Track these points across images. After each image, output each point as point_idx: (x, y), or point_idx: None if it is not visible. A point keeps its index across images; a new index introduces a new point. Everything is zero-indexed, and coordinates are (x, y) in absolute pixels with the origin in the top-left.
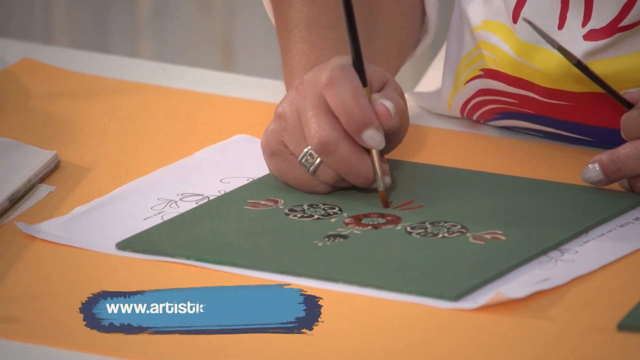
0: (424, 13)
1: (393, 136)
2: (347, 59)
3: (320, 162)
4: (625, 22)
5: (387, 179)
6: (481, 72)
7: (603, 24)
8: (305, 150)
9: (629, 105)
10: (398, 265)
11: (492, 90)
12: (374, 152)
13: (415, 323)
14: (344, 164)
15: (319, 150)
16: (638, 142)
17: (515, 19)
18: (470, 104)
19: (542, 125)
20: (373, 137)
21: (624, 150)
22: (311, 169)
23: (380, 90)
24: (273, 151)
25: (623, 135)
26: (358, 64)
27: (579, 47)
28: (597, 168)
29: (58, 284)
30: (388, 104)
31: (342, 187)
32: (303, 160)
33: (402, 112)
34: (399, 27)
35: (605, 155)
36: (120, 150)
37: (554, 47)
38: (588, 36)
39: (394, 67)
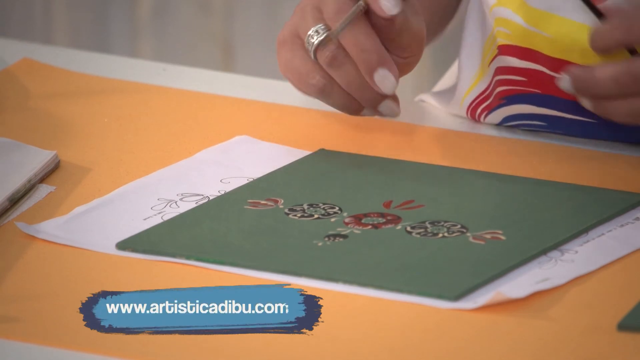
0: None
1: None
2: None
3: (325, 37)
4: None
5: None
6: (497, 50)
7: None
8: (314, 27)
9: (601, 16)
10: (398, 265)
11: (506, 68)
12: None
13: (415, 323)
14: (354, 40)
15: (333, 17)
16: (612, 66)
17: None
18: (488, 91)
19: (547, 107)
20: (386, 77)
21: (599, 71)
22: (314, 44)
23: None
24: (285, 38)
25: (590, 44)
26: None
27: (590, 13)
28: (568, 80)
29: (58, 284)
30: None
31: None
32: (308, 38)
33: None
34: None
35: (579, 71)
36: (120, 150)
37: None
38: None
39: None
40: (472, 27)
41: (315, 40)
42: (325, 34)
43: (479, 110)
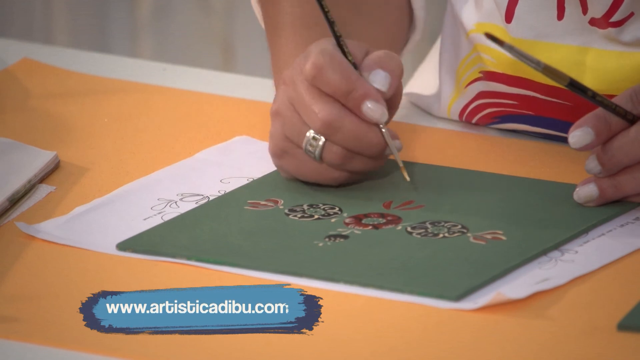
0: (411, 10)
1: (389, 101)
2: (325, 42)
3: (324, 143)
4: (615, 18)
5: (398, 142)
6: (481, 75)
7: (599, 16)
8: (308, 134)
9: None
10: (398, 265)
11: (492, 93)
12: None
13: (415, 323)
14: (352, 137)
15: (325, 131)
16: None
17: (508, 18)
18: (470, 108)
19: (541, 127)
20: (372, 109)
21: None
22: (317, 152)
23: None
24: (282, 149)
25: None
26: (341, 45)
27: (589, 35)
28: (595, 189)
29: (58, 284)
30: (379, 79)
31: (355, 176)
32: (307, 146)
33: (393, 71)
34: (386, 20)
35: (604, 182)
36: (120, 150)
37: (538, 68)
38: (593, 23)
39: None
40: (448, 45)
41: (317, 149)
42: (322, 142)
43: (475, 119)
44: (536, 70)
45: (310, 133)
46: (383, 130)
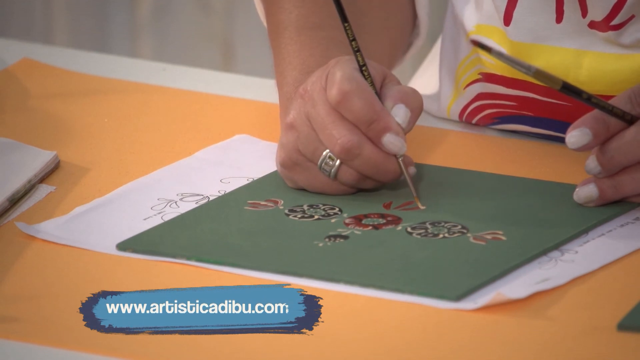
0: (414, 14)
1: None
2: (348, 64)
3: (340, 164)
4: (616, 21)
5: (412, 168)
6: (480, 76)
7: (599, 19)
8: (324, 153)
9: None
10: (399, 265)
11: (491, 94)
12: None
13: (415, 323)
14: (369, 165)
15: (344, 156)
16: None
17: (507, 20)
18: (470, 109)
19: (541, 128)
20: (393, 142)
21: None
22: (332, 171)
23: (381, 85)
24: (294, 162)
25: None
26: (363, 71)
27: (587, 38)
28: (595, 189)
29: (58, 284)
30: (401, 114)
31: (365, 189)
32: (322, 164)
33: (415, 109)
34: (389, 26)
35: (604, 182)
36: (120, 150)
37: (529, 73)
38: (592, 26)
39: (385, 65)
40: (448, 45)
41: (333, 169)
42: (338, 163)
43: (474, 120)
44: (528, 75)
45: (327, 152)
46: (400, 160)
